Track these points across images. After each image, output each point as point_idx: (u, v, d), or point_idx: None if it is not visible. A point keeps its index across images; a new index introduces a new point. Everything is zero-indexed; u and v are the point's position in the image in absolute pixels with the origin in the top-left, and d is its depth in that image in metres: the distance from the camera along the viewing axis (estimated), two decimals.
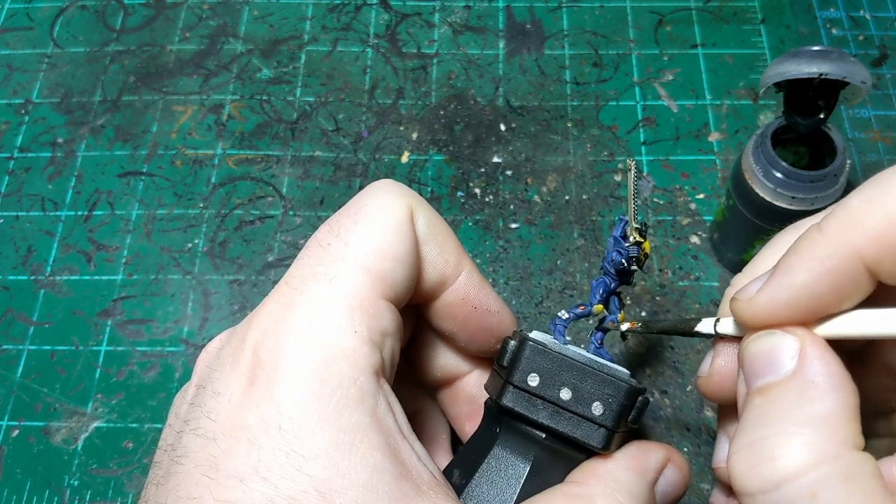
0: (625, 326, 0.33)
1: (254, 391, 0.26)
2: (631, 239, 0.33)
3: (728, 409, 0.31)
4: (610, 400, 0.30)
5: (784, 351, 0.24)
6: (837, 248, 0.24)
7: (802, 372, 0.24)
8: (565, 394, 0.30)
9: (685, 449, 0.46)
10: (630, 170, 0.33)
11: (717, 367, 0.29)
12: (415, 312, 0.34)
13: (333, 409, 0.26)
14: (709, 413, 0.47)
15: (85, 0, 0.66)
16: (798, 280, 0.24)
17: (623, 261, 0.34)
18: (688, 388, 0.48)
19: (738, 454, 0.24)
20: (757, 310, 0.25)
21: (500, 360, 0.31)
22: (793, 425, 0.23)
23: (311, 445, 0.25)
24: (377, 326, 0.28)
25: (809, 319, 0.25)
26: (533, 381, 0.30)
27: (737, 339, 0.29)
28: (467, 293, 0.32)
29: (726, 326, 0.29)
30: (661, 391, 0.48)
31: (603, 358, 0.32)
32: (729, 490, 0.32)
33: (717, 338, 0.29)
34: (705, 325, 0.30)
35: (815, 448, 0.22)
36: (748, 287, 0.26)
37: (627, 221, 0.34)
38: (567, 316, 0.35)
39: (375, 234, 0.29)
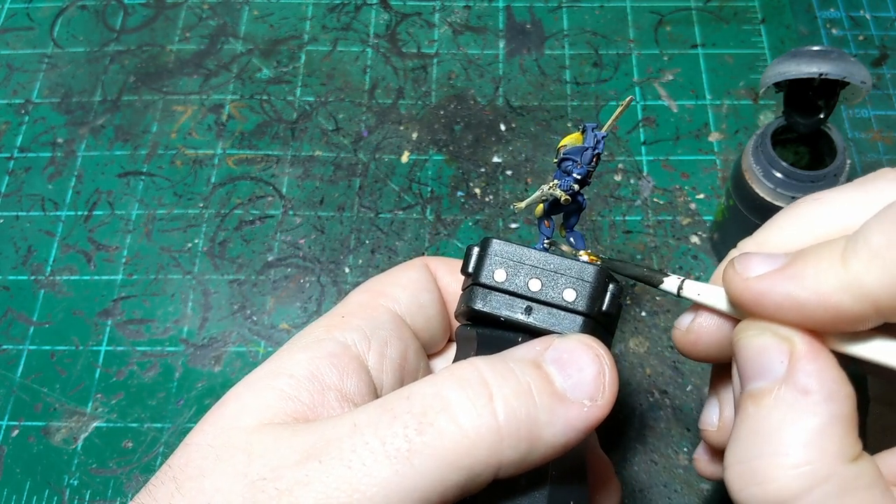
0: (584, 258, 0.31)
1: None
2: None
3: (719, 372, 0.31)
4: (580, 285, 0.28)
5: (774, 355, 0.24)
6: (852, 287, 0.22)
7: (793, 380, 0.23)
8: (534, 284, 0.29)
9: (685, 449, 0.46)
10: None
11: (696, 325, 0.28)
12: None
13: None
14: None
15: (85, 0, 0.66)
16: (802, 296, 0.23)
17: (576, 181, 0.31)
18: (688, 388, 0.47)
19: (733, 469, 0.24)
20: (745, 294, 0.24)
21: (465, 269, 0.30)
22: (782, 445, 0.22)
23: None
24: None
25: (801, 328, 0.24)
26: (500, 276, 0.29)
27: (708, 308, 0.28)
28: None
29: (690, 291, 0.28)
30: (661, 391, 0.48)
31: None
32: (713, 452, 0.32)
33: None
34: (670, 284, 0.29)
35: (804, 471, 0.22)
36: (752, 262, 0.25)
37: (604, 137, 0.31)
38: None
39: None
